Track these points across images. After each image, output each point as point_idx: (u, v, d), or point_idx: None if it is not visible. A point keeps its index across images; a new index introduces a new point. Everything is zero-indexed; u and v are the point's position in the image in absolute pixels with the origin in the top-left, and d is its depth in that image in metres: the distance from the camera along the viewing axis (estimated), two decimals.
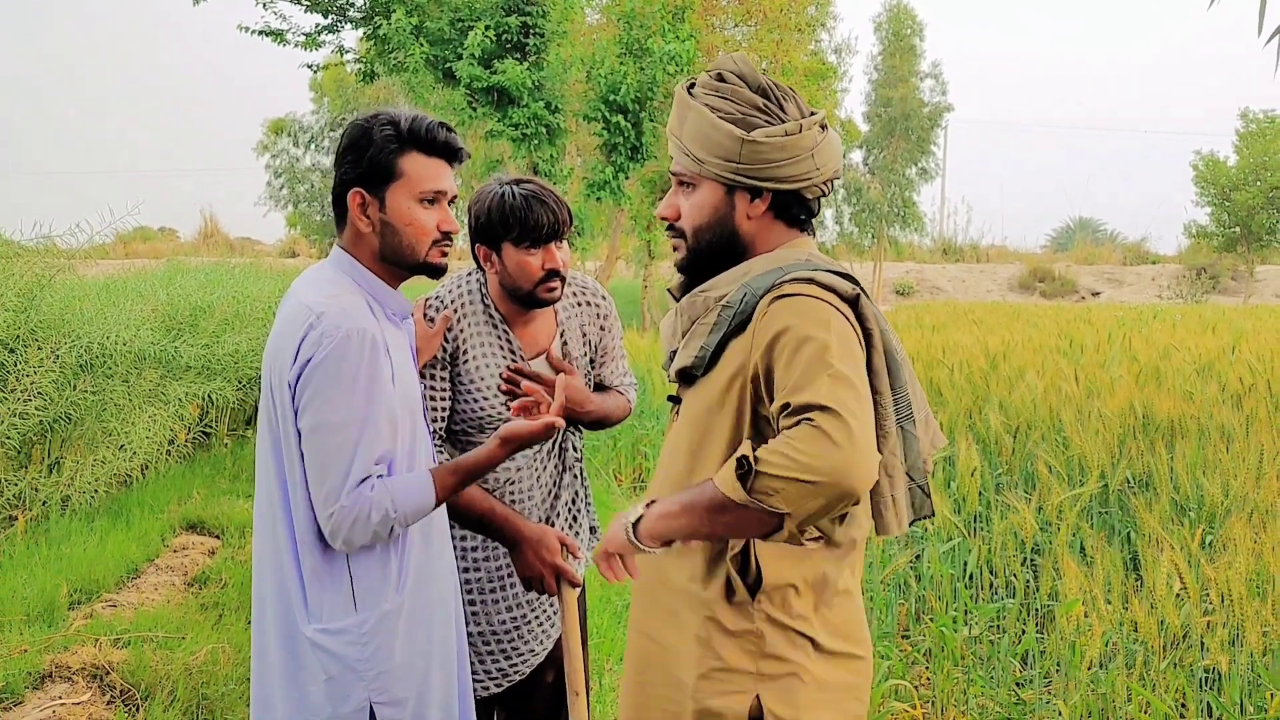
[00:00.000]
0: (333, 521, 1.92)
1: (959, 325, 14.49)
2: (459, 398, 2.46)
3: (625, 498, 7.38)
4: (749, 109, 1.75)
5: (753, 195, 1.78)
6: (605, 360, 2.68)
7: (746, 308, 1.69)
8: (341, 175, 2.04)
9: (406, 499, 1.95)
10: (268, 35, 14.30)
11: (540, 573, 2.35)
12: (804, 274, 1.68)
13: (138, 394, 6.48)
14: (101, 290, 7.38)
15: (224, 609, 4.78)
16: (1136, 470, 5.28)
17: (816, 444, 1.48)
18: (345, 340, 1.92)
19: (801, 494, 1.49)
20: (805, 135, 1.74)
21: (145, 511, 6.23)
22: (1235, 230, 33.37)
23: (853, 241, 33.07)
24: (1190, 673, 3.54)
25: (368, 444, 1.93)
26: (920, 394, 1.78)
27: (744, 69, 1.79)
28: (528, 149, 13.42)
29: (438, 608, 2.13)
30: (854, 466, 1.48)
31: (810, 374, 1.55)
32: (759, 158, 1.73)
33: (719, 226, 1.80)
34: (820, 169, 1.77)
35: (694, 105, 1.78)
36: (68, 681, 3.82)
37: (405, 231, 2.03)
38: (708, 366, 1.75)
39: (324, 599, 2.01)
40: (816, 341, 1.58)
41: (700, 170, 1.78)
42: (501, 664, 2.51)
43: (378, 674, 2.01)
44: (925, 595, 4.47)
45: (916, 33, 32.49)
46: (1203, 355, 8.18)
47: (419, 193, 2.02)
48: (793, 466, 1.48)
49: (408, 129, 2.01)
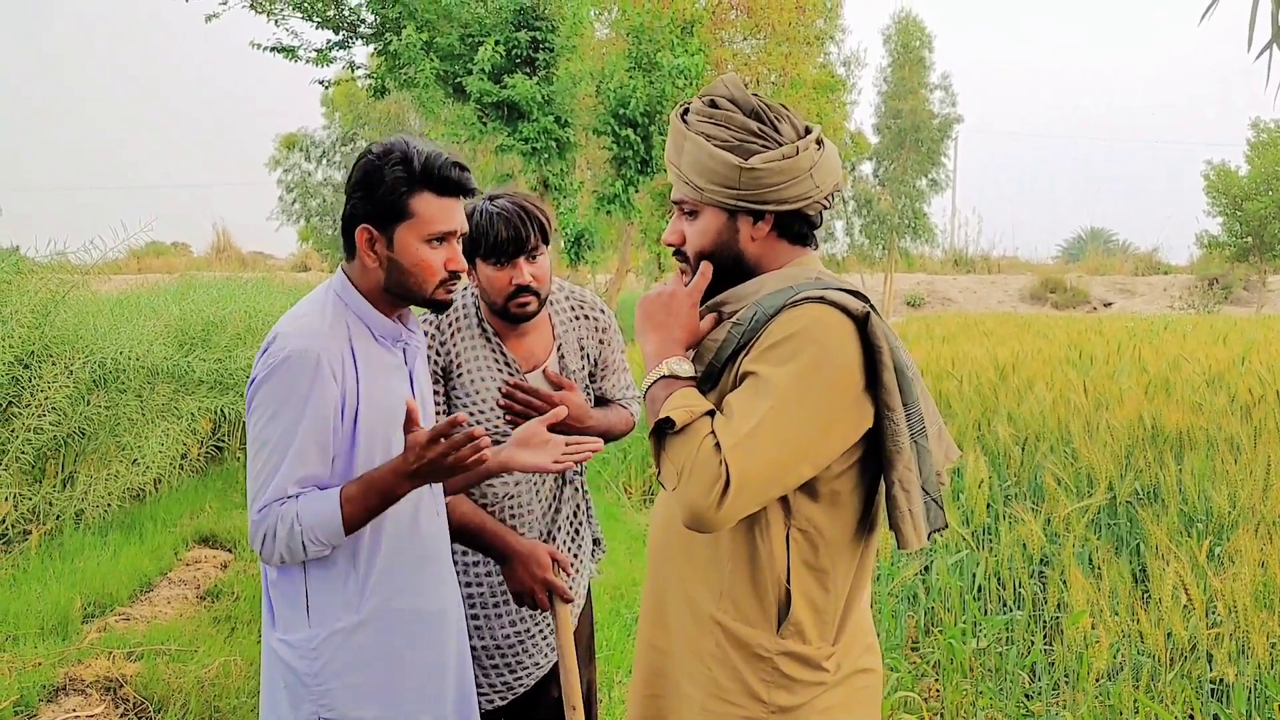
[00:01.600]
0: (250, 535, 1.97)
1: (969, 336, 14.46)
2: (455, 412, 2.48)
3: (635, 511, 7.39)
4: (744, 134, 1.76)
5: (755, 218, 1.78)
6: (606, 374, 2.69)
7: (756, 326, 1.71)
8: (350, 209, 2.04)
9: (310, 513, 1.93)
10: (280, 52, 14.39)
11: (531, 588, 2.35)
12: (815, 292, 1.69)
13: (151, 409, 6.54)
14: (115, 306, 7.45)
15: (236, 622, 4.81)
16: (1145, 482, 5.27)
17: (700, 472, 1.58)
18: (285, 360, 1.94)
19: (665, 475, 1.64)
20: (803, 156, 1.75)
21: (158, 525, 6.27)
22: (1247, 240, 33.25)
23: (864, 253, 33.05)
24: (1197, 684, 3.54)
25: (290, 464, 1.94)
26: (932, 407, 1.79)
27: (736, 93, 1.79)
28: (538, 163, 13.47)
29: (417, 626, 2.10)
30: (705, 517, 1.57)
31: (768, 388, 1.60)
32: (758, 183, 1.74)
33: (723, 251, 1.80)
34: (820, 186, 1.77)
35: (690, 135, 1.79)
36: (81, 694, 3.85)
37: (413, 271, 2.02)
38: (715, 382, 1.77)
39: (283, 609, 2.04)
40: (806, 356, 1.61)
41: (701, 197, 1.79)
42: (506, 677, 2.53)
43: (325, 690, 2.01)
44: (934, 607, 4.47)
45: (925, 44, 32.51)
46: (1212, 366, 8.15)
47: (428, 234, 2.01)
48: (669, 471, 1.62)
49: (421, 169, 1.99)
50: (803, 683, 1.71)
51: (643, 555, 5.99)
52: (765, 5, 19.77)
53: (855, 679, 1.77)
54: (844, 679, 1.75)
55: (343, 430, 2.00)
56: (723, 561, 1.73)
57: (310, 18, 14.47)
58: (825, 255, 31.48)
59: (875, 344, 1.66)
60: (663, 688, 1.80)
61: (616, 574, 5.53)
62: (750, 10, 20.14)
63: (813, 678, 1.71)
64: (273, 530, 1.93)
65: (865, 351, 1.65)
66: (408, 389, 2.14)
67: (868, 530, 1.78)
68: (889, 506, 1.69)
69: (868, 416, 1.66)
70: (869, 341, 1.66)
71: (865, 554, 1.78)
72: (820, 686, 1.72)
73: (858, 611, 1.79)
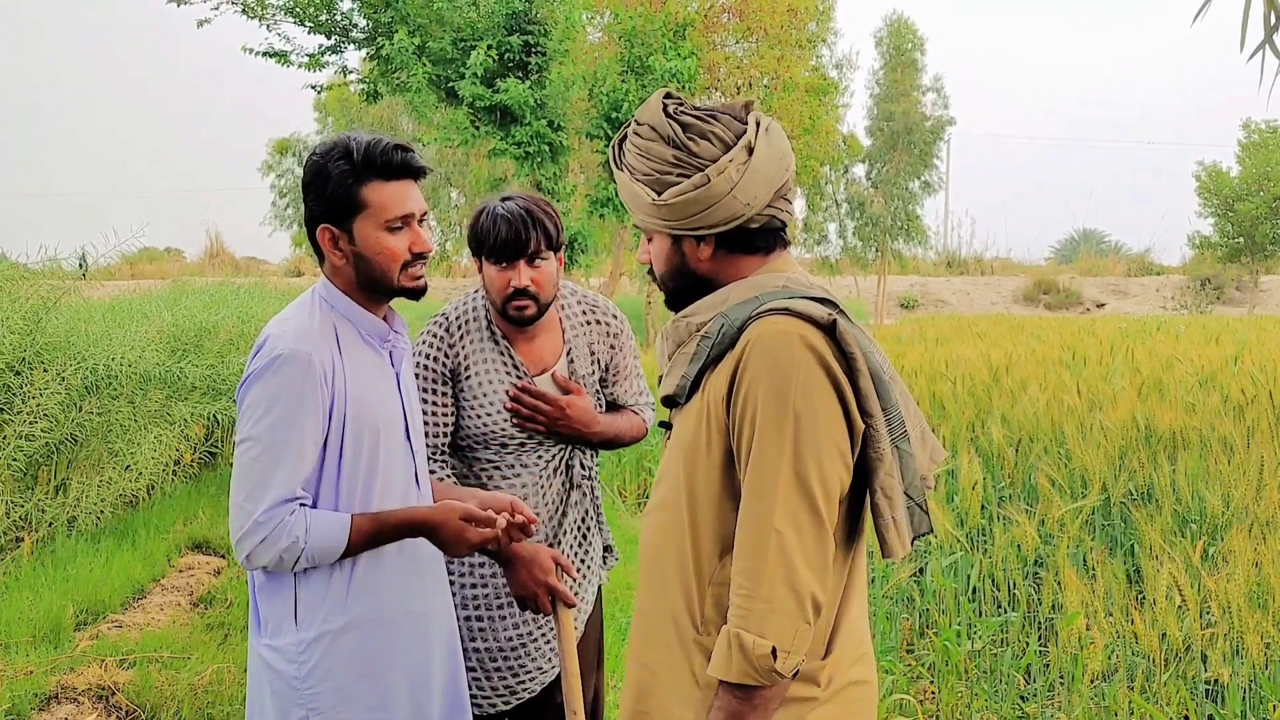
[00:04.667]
0: (241, 534, 1.93)
1: (962, 338, 14.49)
2: (463, 414, 2.48)
3: (630, 513, 7.38)
4: (661, 165, 1.73)
5: (698, 240, 1.76)
6: (619, 379, 2.69)
7: (724, 339, 1.69)
8: (308, 213, 2.05)
9: (319, 534, 1.94)
10: (272, 56, 14.38)
11: (534, 592, 2.33)
12: (780, 304, 1.66)
13: (143, 415, 6.51)
14: (107, 312, 7.43)
15: (229, 629, 4.79)
16: (1138, 482, 5.28)
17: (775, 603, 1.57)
18: (277, 360, 1.96)
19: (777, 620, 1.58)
20: (717, 182, 1.69)
21: (151, 532, 6.25)
22: (1239, 241, 33.33)
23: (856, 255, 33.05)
24: (1192, 685, 3.54)
25: (290, 465, 1.94)
26: (914, 409, 1.77)
27: (654, 119, 1.75)
28: (531, 167, 13.48)
29: (404, 628, 2.10)
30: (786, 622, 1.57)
31: (774, 477, 1.60)
32: (679, 214, 1.72)
33: (679, 273, 1.81)
34: (750, 203, 1.72)
35: (618, 172, 1.80)
36: (74, 702, 3.83)
37: (376, 260, 2.02)
38: (689, 394, 1.76)
39: (271, 612, 2.03)
40: (780, 425, 1.60)
41: (645, 224, 1.79)
42: (509, 681, 2.51)
43: (313, 693, 2.00)
44: (929, 609, 4.47)
45: (918, 47, 32.54)
46: (1205, 366, 8.17)
47: (385, 221, 2.01)
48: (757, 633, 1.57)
49: (362, 159, 1.99)
50: (794, 699, 1.67)
51: (635, 559, 5.97)
52: (757, 8, 19.79)
53: (848, 691, 1.74)
54: (836, 693, 1.72)
55: (332, 432, 2.00)
56: (705, 580, 1.71)
57: (302, 22, 14.46)
58: (818, 258, 31.52)
59: (848, 351, 1.64)
60: (650, 705, 1.77)
61: (610, 578, 5.49)
62: (742, 13, 20.16)
63: (804, 693, 1.68)
64: (275, 537, 1.92)
65: (839, 359, 1.63)
66: (395, 390, 2.14)
67: (854, 541, 1.75)
68: (873, 514, 1.68)
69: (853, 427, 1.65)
70: (841, 349, 1.64)
71: (854, 564, 1.76)
72: (813, 702, 1.69)
73: (849, 622, 1.76)
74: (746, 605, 1.58)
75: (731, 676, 1.58)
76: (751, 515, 1.61)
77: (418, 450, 2.19)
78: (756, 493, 1.61)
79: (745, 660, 1.57)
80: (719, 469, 1.70)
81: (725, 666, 1.59)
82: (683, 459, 1.75)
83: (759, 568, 1.58)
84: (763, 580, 1.57)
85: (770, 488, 1.60)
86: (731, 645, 1.58)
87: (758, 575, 1.58)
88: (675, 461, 1.77)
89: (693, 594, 1.72)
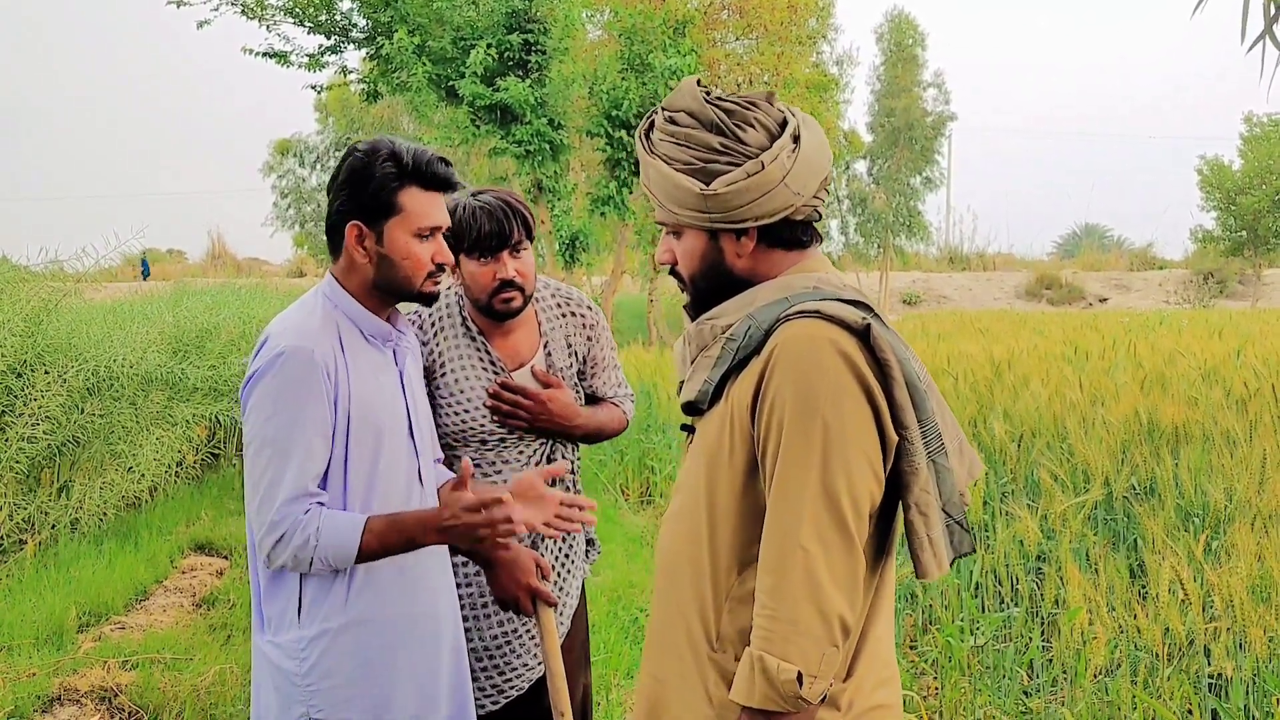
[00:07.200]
0: (261, 534, 1.95)
1: (965, 334, 14.48)
2: (440, 411, 2.46)
3: (633, 512, 7.38)
4: (706, 153, 1.64)
5: (738, 235, 1.68)
6: (596, 371, 2.67)
7: (750, 342, 1.62)
8: (339, 206, 2.05)
9: (331, 533, 1.94)
10: (272, 57, 14.41)
11: (515, 594, 2.31)
12: (810, 305, 1.58)
13: (145, 416, 6.51)
14: (109, 314, 7.43)
15: (232, 630, 4.80)
16: (1141, 477, 5.27)
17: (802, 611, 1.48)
18: (280, 358, 1.97)
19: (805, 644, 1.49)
20: (771, 169, 1.62)
21: (154, 533, 6.26)
22: (1242, 234, 33.35)
23: (859, 252, 33.10)
24: (1195, 680, 3.53)
25: (301, 461, 1.95)
26: (951, 420, 1.66)
27: (693, 105, 1.67)
28: (531, 165, 13.49)
29: (408, 628, 2.10)
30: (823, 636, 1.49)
31: (800, 490, 1.51)
32: (727, 205, 1.64)
33: (713, 271, 1.72)
34: (800, 193, 1.65)
35: (652, 161, 1.70)
36: (76, 704, 3.83)
37: (403, 265, 2.05)
38: (712, 400, 1.69)
39: (274, 610, 2.04)
40: (808, 434, 1.52)
41: (677, 220, 1.70)
42: (495, 680, 2.51)
43: (314, 690, 2.00)
44: (931, 605, 4.46)
45: (918, 42, 32.56)
46: (1208, 360, 8.15)
47: (417, 228, 2.04)
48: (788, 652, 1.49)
49: (410, 164, 2.02)
50: None
51: (640, 557, 5.98)
52: (757, 5, 19.80)
53: (870, 716, 1.64)
54: (857, 717, 1.63)
55: (336, 427, 2.01)
56: (722, 595, 1.64)
57: (302, 23, 14.49)
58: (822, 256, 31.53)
59: (882, 358, 1.54)
60: (663, 718, 1.70)
61: (614, 576, 5.51)
62: (742, 10, 20.17)
63: (825, 716, 1.58)
64: (290, 534, 1.93)
65: (872, 366, 1.54)
66: (398, 388, 2.14)
67: (883, 557, 1.67)
68: (907, 533, 1.59)
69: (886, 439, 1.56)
70: (875, 356, 1.54)
71: (882, 581, 1.67)
72: None
73: (873, 642, 1.66)
74: (770, 627, 1.49)
75: (754, 702, 1.50)
76: (776, 531, 1.52)
77: (421, 449, 2.19)
78: (782, 507, 1.52)
79: (769, 685, 1.48)
80: (741, 479, 1.62)
81: (748, 691, 1.50)
82: (704, 467, 1.67)
83: (783, 586, 1.49)
84: (787, 600, 1.48)
85: (796, 502, 1.51)
86: (754, 669, 1.49)
87: (782, 595, 1.49)
88: (696, 470, 1.70)
89: (708, 609, 1.64)
